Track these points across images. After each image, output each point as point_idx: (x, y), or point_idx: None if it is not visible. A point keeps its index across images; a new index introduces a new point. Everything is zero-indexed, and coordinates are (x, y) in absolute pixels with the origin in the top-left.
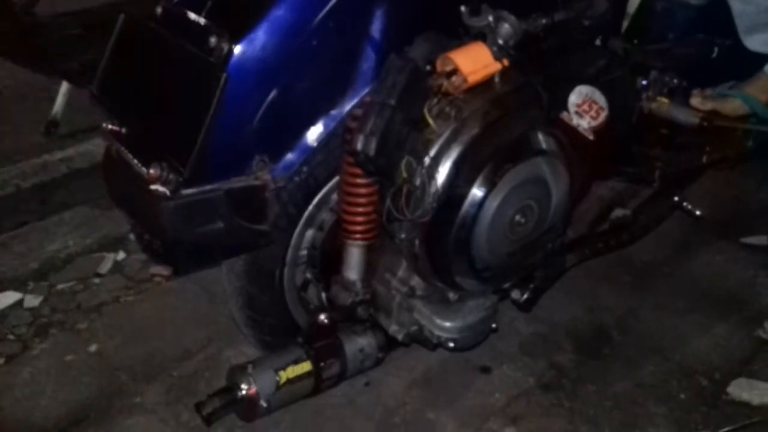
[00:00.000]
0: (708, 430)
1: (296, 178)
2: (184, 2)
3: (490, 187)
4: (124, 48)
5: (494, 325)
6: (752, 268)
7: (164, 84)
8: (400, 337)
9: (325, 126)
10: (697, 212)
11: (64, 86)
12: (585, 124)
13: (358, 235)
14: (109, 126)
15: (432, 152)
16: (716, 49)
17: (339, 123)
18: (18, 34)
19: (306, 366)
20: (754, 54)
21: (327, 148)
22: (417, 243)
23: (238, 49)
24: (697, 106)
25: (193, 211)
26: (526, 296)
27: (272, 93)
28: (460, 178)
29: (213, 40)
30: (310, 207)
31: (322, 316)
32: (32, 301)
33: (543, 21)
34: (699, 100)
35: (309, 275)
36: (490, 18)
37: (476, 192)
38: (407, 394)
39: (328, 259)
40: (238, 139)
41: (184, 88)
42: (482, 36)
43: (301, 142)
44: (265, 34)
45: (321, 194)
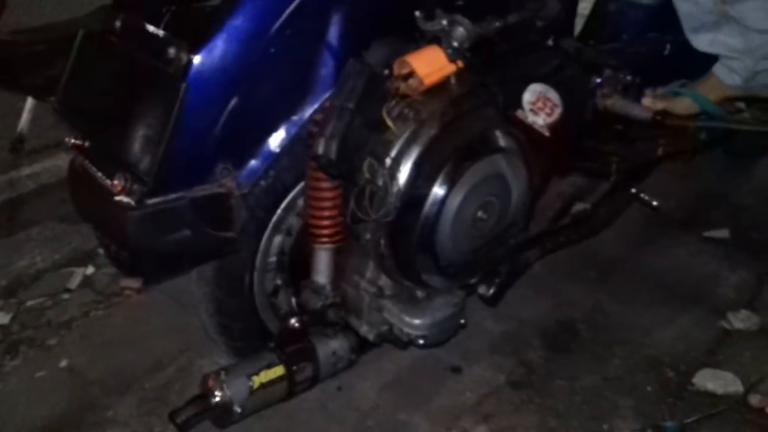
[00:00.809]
0: (675, 421)
1: (262, 183)
2: (143, 15)
3: (450, 185)
4: (85, 62)
5: (463, 320)
6: (715, 261)
7: (125, 96)
8: (371, 337)
9: (288, 131)
10: (654, 203)
11: (29, 102)
12: (540, 121)
13: (325, 239)
14: (72, 140)
15: (393, 153)
16: (668, 47)
17: (301, 128)
18: None
19: (279, 370)
20: (703, 53)
21: (292, 153)
22: (382, 243)
23: (196, 60)
24: (649, 106)
25: (158, 220)
26: (492, 291)
27: (233, 101)
28: (421, 177)
29: (172, 51)
30: (278, 212)
31: (293, 321)
32: (2, 318)
33: (496, 24)
34: (650, 100)
35: (279, 281)
36: (444, 22)
37: (437, 190)
38: (379, 396)
39: (298, 264)
40: (201, 148)
41: (144, 100)
42: (437, 40)
43: (265, 148)
44: (223, 44)
45: (288, 199)
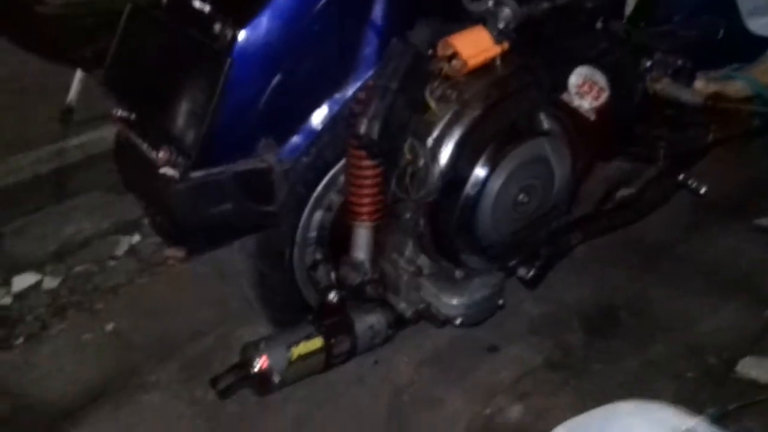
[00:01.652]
0: (715, 408)
1: (304, 159)
2: None
3: (492, 168)
4: (132, 36)
5: (501, 302)
6: (764, 249)
7: (171, 70)
8: (408, 314)
9: (330, 109)
10: (702, 190)
11: (78, 74)
12: (586, 104)
13: (365, 217)
14: (119, 112)
15: (434, 134)
16: (721, 30)
17: (343, 106)
18: (30, 23)
19: (317, 342)
20: (758, 36)
21: (333, 130)
22: (422, 222)
23: (242, 35)
24: (700, 90)
25: (201, 193)
26: (531, 273)
27: (276, 77)
28: (463, 158)
29: (217, 26)
30: (319, 188)
31: (332, 295)
32: (50, 282)
33: (544, 5)
34: (702, 84)
35: (318, 255)
36: (490, 2)
37: (479, 172)
38: (416, 372)
39: (338, 239)
40: (244, 123)
41: (190, 74)
42: (483, 20)
43: (307, 125)
44: (268, 20)
45: (329, 175)
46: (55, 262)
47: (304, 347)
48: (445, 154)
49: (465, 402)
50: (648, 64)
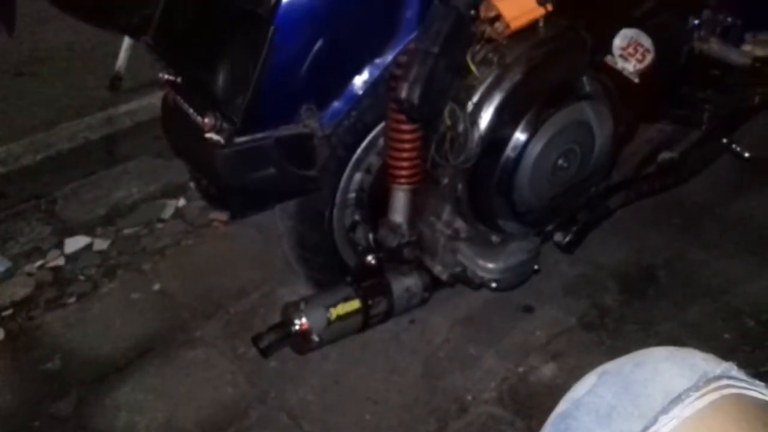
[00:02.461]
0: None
1: (345, 122)
2: None
3: (532, 132)
4: (177, 1)
5: (536, 266)
6: None
7: (215, 36)
8: (444, 277)
9: (371, 74)
10: (746, 154)
11: (126, 41)
12: (630, 67)
13: (403, 180)
14: (166, 76)
15: (475, 98)
16: None
17: (384, 70)
18: None
19: (355, 304)
20: None
21: (374, 94)
22: (460, 187)
23: (285, 1)
24: (749, 52)
25: (245, 158)
26: (568, 239)
27: (318, 43)
28: (503, 123)
29: None
30: (359, 151)
31: (370, 257)
32: (101, 244)
33: None
34: (751, 46)
35: (357, 217)
36: None
37: (518, 137)
38: (451, 331)
39: (376, 202)
40: (287, 89)
41: (234, 40)
42: None
43: (348, 90)
44: None
45: (369, 138)
46: (105, 225)
47: (342, 308)
48: (484, 119)
49: (499, 360)
50: (695, 22)
